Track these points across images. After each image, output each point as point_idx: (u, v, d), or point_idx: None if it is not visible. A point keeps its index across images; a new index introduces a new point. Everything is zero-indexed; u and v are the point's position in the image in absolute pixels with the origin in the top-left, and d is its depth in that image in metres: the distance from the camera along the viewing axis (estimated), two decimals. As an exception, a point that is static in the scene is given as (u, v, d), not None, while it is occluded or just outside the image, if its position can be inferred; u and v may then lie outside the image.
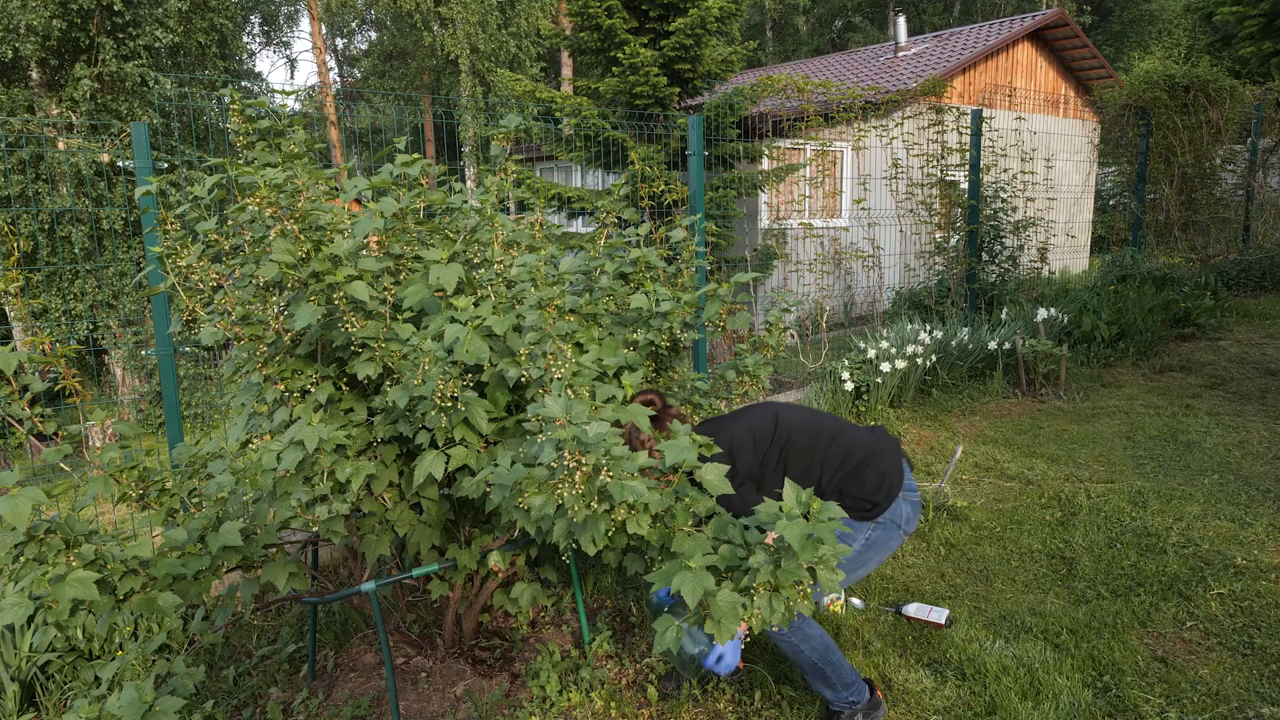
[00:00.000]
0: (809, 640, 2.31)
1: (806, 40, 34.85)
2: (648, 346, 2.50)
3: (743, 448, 2.34)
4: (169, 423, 3.46)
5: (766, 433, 2.38)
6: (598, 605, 3.24)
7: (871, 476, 2.36)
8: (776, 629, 2.26)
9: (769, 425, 2.40)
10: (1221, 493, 3.93)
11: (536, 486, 1.73)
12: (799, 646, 2.31)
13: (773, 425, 2.40)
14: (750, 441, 2.36)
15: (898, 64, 13.08)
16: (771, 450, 2.37)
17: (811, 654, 2.31)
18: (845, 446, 2.39)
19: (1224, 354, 6.61)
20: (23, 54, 10.36)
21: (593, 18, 7.95)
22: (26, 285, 10.53)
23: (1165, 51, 28.64)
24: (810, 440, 2.39)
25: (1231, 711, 2.39)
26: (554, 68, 29.51)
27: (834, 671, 2.35)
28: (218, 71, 13.71)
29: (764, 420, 2.42)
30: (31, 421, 1.93)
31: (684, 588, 1.56)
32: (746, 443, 2.35)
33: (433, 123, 23.19)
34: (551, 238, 2.92)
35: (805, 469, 2.36)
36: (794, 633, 2.29)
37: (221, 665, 3.03)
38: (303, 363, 2.30)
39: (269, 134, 2.41)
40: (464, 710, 2.63)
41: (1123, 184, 9.63)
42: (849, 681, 2.38)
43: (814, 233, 7.39)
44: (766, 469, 2.36)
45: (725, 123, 7.81)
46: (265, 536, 2.11)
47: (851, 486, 2.36)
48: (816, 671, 2.34)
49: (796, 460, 2.36)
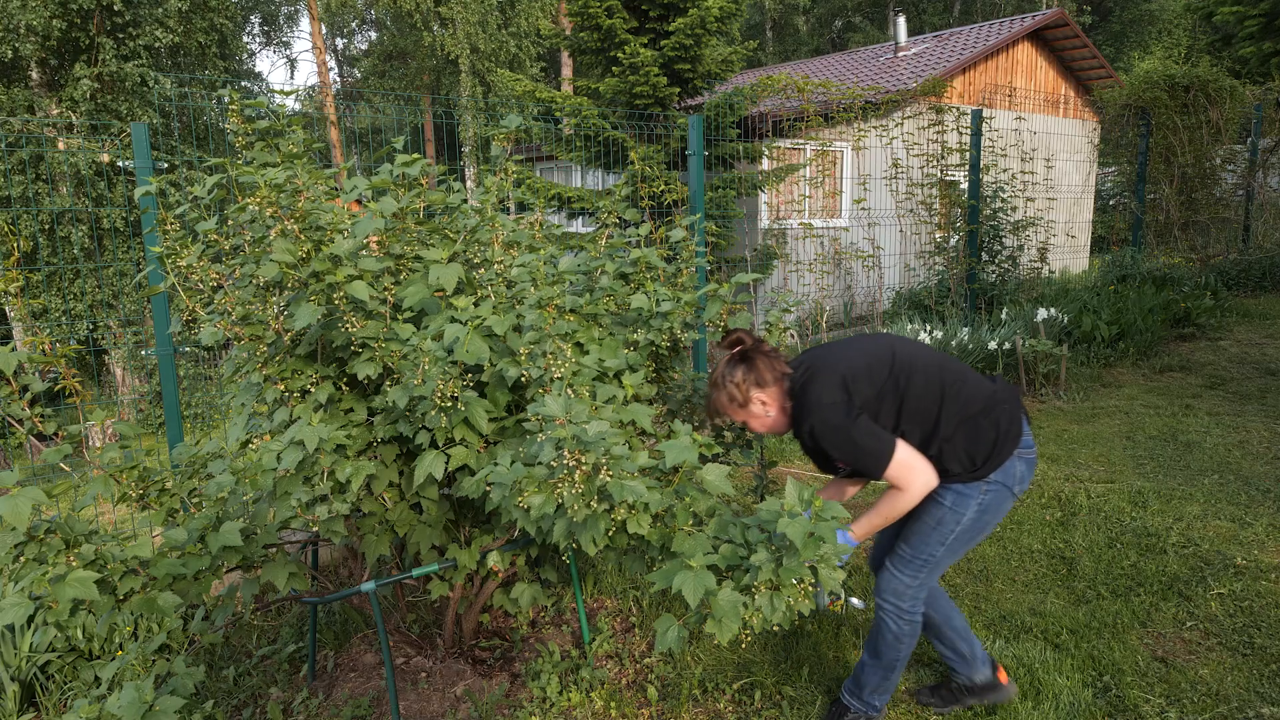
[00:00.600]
0: (913, 639, 2.27)
1: (806, 40, 34.85)
2: (648, 347, 2.49)
3: (859, 378, 2.10)
4: (169, 423, 3.46)
5: (884, 365, 2.13)
6: (598, 605, 3.24)
7: (988, 428, 2.12)
8: (908, 609, 2.22)
9: (886, 358, 2.15)
10: (1221, 493, 3.93)
11: (536, 486, 1.73)
12: (903, 638, 2.25)
13: (890, 358, 2.15)
14: (867, 373, 2.11)
15: (898, 64, 13.08)
16: (889, 385, 2.11)
17: (905, 651, 2.27)
18: (966, 392, 2.13)
19: (1224, 354, 6.61)
20: (23, 54, 10.37)
21: (593, 18, 7.96)
22: (26, 285, 10.53)
23: (1165, 51, 28.64)
24: (931, 380, 2.12)
25: (1231, 711, 2.39)
26: (554, 68, 29.51)
27: (895, 678, 2.33)
28: (218, 71, 13.71)
29: (880, 352, 2.17)
30: (31, 421, 1.93)
31: (685, 587, 1.56)
32: (863, 374, 2.11)
33: (433, 123, 23.19)
34: (551, 238, 2.92)
35: (923, 411, 2.11)
36: (911, 623, 2.24)
37: (221, 665, 3.03)
38: (303, 363, 2.30)
39: (268, 134, 2.41)
40: (464, 710, 2.63)
41: (1123, 184, 9.63)
42: (888, 693, 2.36)
43: (814, 233, 7.39)
44: (883, 406, 2.11)
45: (725, 123, 7.81)
46: (265, 536, 2.11)
47: (965, 438, 2.11)
48: (886, 667, 2.30)
49: (915, 401, 2.10)
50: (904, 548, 2.24)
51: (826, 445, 2.10)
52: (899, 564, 2.24)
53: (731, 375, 2.18)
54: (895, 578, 2.24)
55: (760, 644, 2.87)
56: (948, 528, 2.15)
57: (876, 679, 2.34)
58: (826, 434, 2.08)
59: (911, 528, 2.23)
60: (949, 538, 2.17)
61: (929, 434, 2.11)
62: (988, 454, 2.12)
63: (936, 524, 2.17)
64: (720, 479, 1.87)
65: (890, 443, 2.04)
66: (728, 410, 2.22)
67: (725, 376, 2.20)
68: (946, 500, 2.14)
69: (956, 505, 2.14)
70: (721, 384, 2.21)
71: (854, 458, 2.07)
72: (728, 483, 1.87)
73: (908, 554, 2.23)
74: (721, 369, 2.22)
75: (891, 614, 2.25)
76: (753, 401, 2.19)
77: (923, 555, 2.20)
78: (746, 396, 2.18)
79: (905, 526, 2.25)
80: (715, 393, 2.23)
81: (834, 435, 2.07)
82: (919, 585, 2.23)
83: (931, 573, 2.23)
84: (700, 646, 2.89)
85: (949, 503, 2.14)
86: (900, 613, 2.24)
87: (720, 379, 2.21)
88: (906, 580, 2.23)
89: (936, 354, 2.23)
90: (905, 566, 2.23)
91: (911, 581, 2.23)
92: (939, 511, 2.16)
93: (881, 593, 2.28)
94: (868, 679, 2.35)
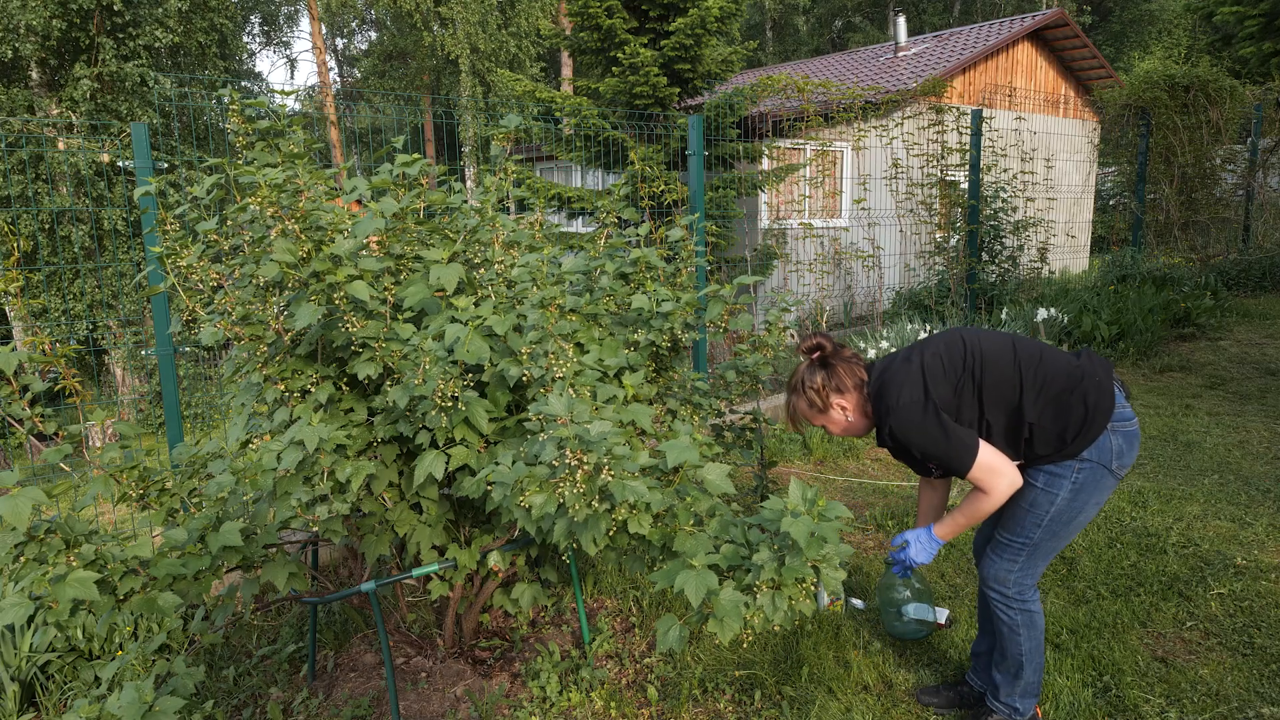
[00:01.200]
0: (1032, 629, 2.22)
1: (806, 40, 34.85)
2: (649, 347, 2.49)
3: (935, 376, 2.08)
4: (169, 423, 3.46)
5: (957, 358, 2.11)
6: (598, 605, 3.24)
7: (1075, 405, 2.05)
8: (1014, 595, 2.19)
9: (958, 350, 2.12)
10: (1221, 493, 3.93)
11: (537, 485, 1.73)
12: (1018, 628, 2.22)
13: (961, 348, 2.12)
14: (942, 369, 2.09)
15: (898, 64, 13.08)
16: (964, 378, 2.09)
17: (1026, 643, 2.23)
18: (1045, 372, 2.07)
19: (1224, 354, 6.61)
20: (23, 54, 10.37)
21: (593, 18, 7.95)
22: (26, 285, 10.52)
23: (1165, 51, 28.65)
24: (1005, 364, 2.09)
25: (1231, 711, 2.39)
26: (554, 68, 29.52)
27: (1028, 675, 2.27)
28: (218, 71, 13.71)
29: (951, 345, 2.14)
30: (31, 421, 1.93)
31: (687, 587, 1.55)
32: (938, 371, 2.09)
33: (433, 123, 23.19)
34: (551, 238, 2.92)
35: (1004, 398, 2.07)
36: (1023, 611, 2.21)
37: (221, 665, 3.03)
38: (303, 363, 2.30)
39: (268, 134, 2.41)
40: (464, 710, 2.63)
41: (1123, 184, 9.63)
42: (1031, 694, 2.30)
43: (814, 233, 7.39)
44: (963, 400, 2.08)
45: (725, 123, 7.81)
46: (265, 536, 2.11)
47: (1053, 418, 2.05)
48: (1014, 664, 2.26)
49: (993, 389, 2.07)
50: (1001, 533, 2.22)
51: (910, 445, 2.08)
52: (997, 549, 2.23)
53: (811, 381, 2.19)
54: (994, 563, 2.23)
55: (760, 644, 2.87)
56: (1042, 510, 2.11)
57: (1009, 681, 2.29)
58: (908, 433, 2.06)
59: (1007, 512, 2.19)
60: (1044, 519, 2.12)
61: (1014, 419, 2.07)
62: (1077, 431, 2.05)
63: (1030, 506, 2.13)
64: (721, 478, 1.87)
65: (973, 443, 2.02)
66: (807, 415, 2.24)
67: (805, 382, 2.20)
68: (1039, 481, 2.11)
69: (1049, 486, 2.09)
70: (801, 389, 2.21)
71: (937, 455, 2.05)
72: (728, 482, 1.87)
73: (1005, 538, 2.20)
74: (801, 374, 2.22)
75: (998, 603, 2.23)
76: (833, 407, 2.20)
77: (1019, 539, 2.17)
78: (826, 402, 2.19)
79: (1002, 511, 2.21)
80: (795, 398, 2.23)
81: (915, 434, 2.05)
82: (1020, 570, 2.19)
83: (1032, 558, 2.18)
84: (700, 646, 2.89)
85: (1041, 483, 2.11)
86: (1006, 600, 2.21)
87: (800, 384, 2.22)
88: (1006, 565, 2.20)
89: (1007, 336, 2.18)
90: (1004, 552, 2.21)
91: (1011, 566, 2.20)
92: (1031, 493, 2.12)
93: (985, 580, 2.26)
94: (1002, 681, 2.31)
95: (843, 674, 2.66)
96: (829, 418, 2.23)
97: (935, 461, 2.08)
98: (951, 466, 2.05)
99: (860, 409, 2.21)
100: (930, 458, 2.07)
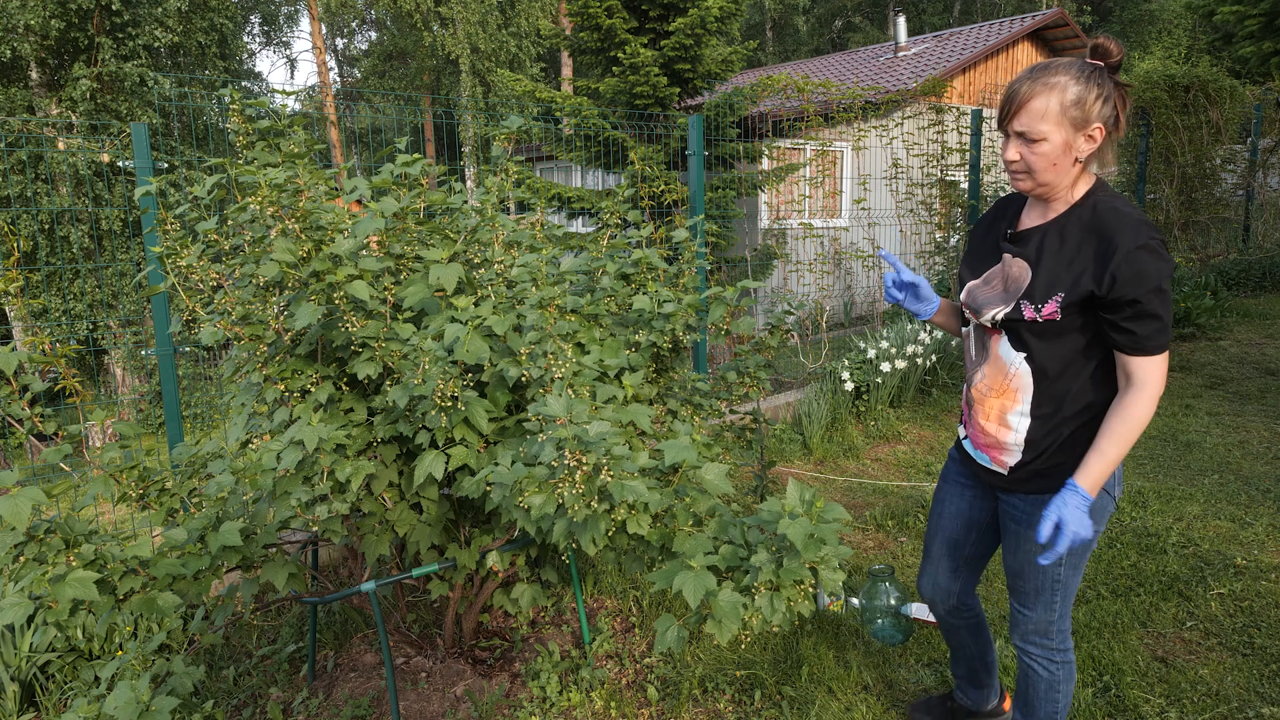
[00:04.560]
0: (1071, 680, 1.94)
1: (806, 40, 34.86)
2: (649, 347, 2.50)
3: None
4: (169, 423, 3.46)
5: None
6: (598, 605, 3.24)
7: None
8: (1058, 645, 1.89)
9: None
10: (1221, 493, 3.93)
11: (537, 485, 1.73)
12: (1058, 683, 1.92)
13: None
14: None
15: (898, 64, 13.08)
16: None
17: (1064, 697, 1.94)
18: None
19: (1224, 354, 6.61)
20: (22, 54, 10.36)
21: (593, 18, 7.95)
22: (26, 285, 10.52)
23: (1165, 51, 28.66)
24: None
25: (1231, 711, 2.39)
26: (554, 68, 29.52)
27: None
28: (218, 71, 13.71)
29: None
30: (31, 421, 1.93)
31: (685, 588, 1.55)
32: None
33: (433, 123, 23.19)
34: (552, 238, 2.92)
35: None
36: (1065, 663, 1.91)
37: (221, 665, 3.03)
38: (303, 363, 2.30)
39: (269, 134, 2.41)
40: (464, 710, 2.63)
41: (1123, 184, 9.62)
42: None
43: (814, 233, 7.38)
44: None
45: (725, 123, 7.81)
46: (265, 536, 2.11)
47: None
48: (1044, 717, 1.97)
49: None
50: (1018, 582, 1.89)
51: (1137, 278, 1.53)
52: (1028, 602, 1.89)
53: (1100, 82, 1.59)
54: (1029, 617, 1.89)
55: (760, 644, 2.87)
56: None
57: None
58: (1150, 261, 1.53)
59: (1015, 560, 1.87)
60: (1066, 555, 1.81)
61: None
62: None
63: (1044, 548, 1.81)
64: (719, 478, 1.86)
65: None
66: (1044, 114, 1.59)
67: (1086, 74, 1.58)
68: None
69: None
70: (1077, 77, 1.58)
71: (1153, 310, 1.55)
72: (727, 482, 1.86)
73: (1032, 586, 1.86)
74: (1077, 63, 1.61)
75: (1040, 658, 1.92)
76: (1091, 126, 1.60)
77: (1050, 582, 1.83)
78: (1089, 114, 1.59)
79: (1008, 558, 1.90)
80: (1052, 82, 1.59)
81: (1159, 264, 1.53)
82: (1060, 617, 1.88)
83: (1066, 599, 1.86)
84: (700, 646, 2.89)
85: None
86: (1050, 654, 1.91)
87: (1077, 74, 1.59)
88: (1044, 615, 1.87)
89: None
90: (1035, 602, 1.87)
91: (1050, 615, 1.87)
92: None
93: (1025, 638, 1.92)
94: None
95: (843, 674, 2.66)
96: (1065, 138, 1.60)
97: (1137, 319, 1.56)
98: (1150, 333, 1.56)
99: (1086, 172, 1.67)
100: (1146, 311, 1.55)
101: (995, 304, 1.73)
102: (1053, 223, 1.68)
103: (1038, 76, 1.60)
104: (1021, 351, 1.71)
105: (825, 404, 5.34)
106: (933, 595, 2.14)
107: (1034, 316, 1.66)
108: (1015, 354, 1.73)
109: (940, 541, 2.08)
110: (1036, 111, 1.59)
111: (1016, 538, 1.84)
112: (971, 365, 1.87)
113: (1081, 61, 1.61)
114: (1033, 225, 1.72)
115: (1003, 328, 1.74)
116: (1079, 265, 1.60)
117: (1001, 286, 1.73)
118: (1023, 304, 1.67)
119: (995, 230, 1.83)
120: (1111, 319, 1.59)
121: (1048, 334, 1.66)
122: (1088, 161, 1.64)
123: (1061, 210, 1.68)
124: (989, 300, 1.75)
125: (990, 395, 1.79)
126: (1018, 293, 1.69)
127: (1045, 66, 1.61)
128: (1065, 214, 1.67)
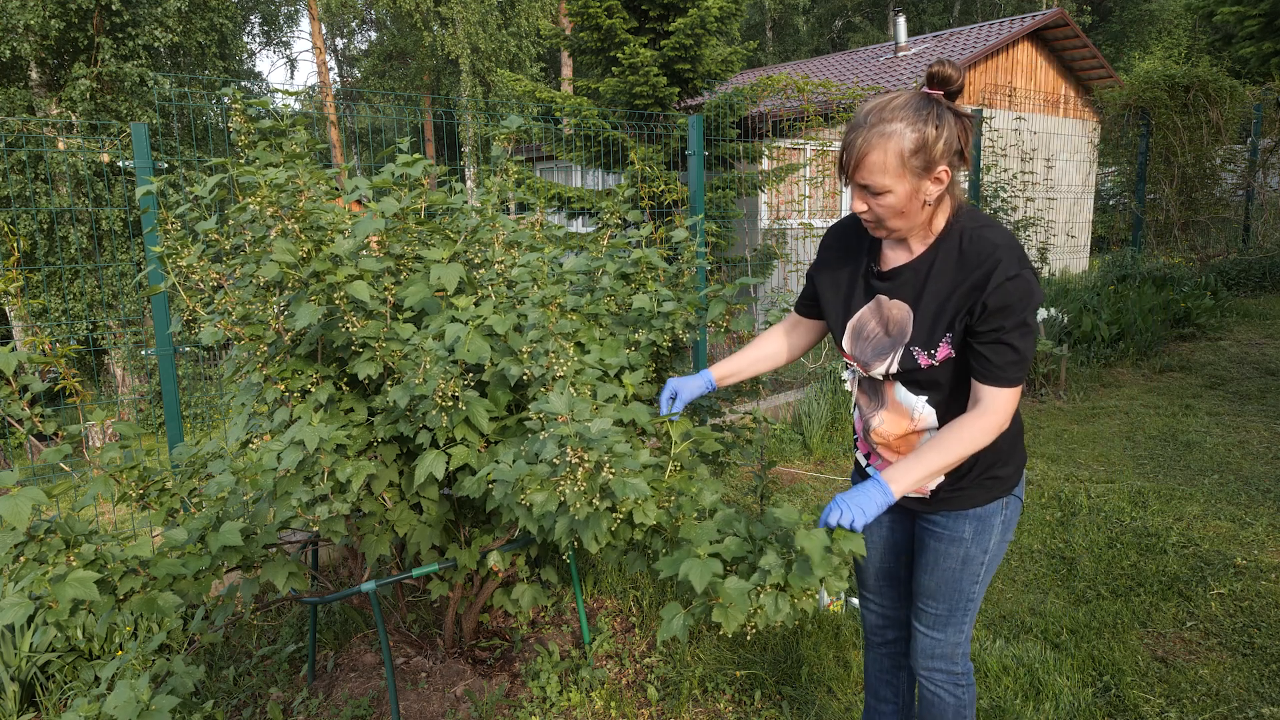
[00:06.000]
0: (974, 702, 1.88)
1: (806, 40, 34.87)
2: (650, 346, 2.50)
3: None
4: (169, 423, 3.46)
5: None
6: (598, 605, 3.24)
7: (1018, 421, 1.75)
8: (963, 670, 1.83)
9: None
10: (1221, 493, 3.93)
11: (539, 483, 1.73)
12: (965, 708, 1.86)
13: None
14: None
15: (898, 64, 13.08)
16: None
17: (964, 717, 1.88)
18: None
19: (1224, 354, 6.61)
20: (21, 54, 10.37)
21: (593, 18, 7.96)
22: (26, 285, 10.52)
23: (1165, 51, 28.66)
24: None
25: (1231, 711, 2.39)
26: (554, 68, 29.52)
27: None
28: (218, 71, 13.71)
29: None
30: (31, 421, 1.93)
31: (691, 574, 1.55)
32: None
33: (433, 123, 23.19)
34: (552, 238, 2.92)
35: None
36: (970, 686, 1.86)
37: (221, 665, 3.03)
38: (303, 363, 2.30)
39: (270, 134, 2.41)
40: (464, 710, 2.63)
41: (1123, 184, 9.63)
42: None
43: (814, 233, 7.38)
44: None
45: (725, 123, 7.81)
46: (265, 536, 2.10)
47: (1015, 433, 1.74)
48: None
49: None
50: (930, 604, 1.81)
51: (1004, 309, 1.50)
52: (936, 625, 1.82)
53: (932, 118, 1.49)
54: (937, 642, 1.83)
55: (760, 644, 2.87)
56: (976, 563, 1.75)
57: None
58: (1019, 298, 1.49)
59: (932, 578, 1.80)
60: (981, 573, 1.76)
61: None
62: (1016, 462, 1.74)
63: (964, 563, 1.75)
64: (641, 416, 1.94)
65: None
66: (883, 167, 1.50)
67: (919, 114, 1.49)
68: (966, 533, 1.74)
69: (980, 534, 1.74)
70: (910, 120, 1.48)
71: (1016, 344, 1.51)
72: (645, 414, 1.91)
73: (943, 609, 1.80)
74: (913, 103, 1.50)
75: (946, 685, 1.85)
76: (936, 169, 1.51)
77: (961, 602, 1.79)
78: (933, 158, 1.50)
79: (923, 578, 1.82)
80: (882, 131, 1.49)
81: (1023, 303, 1.49)
82: (967, 639, 1.83)
83: (972, 619, 1.82)
84: (700, 646, 2.89)
85: (970, 534, 1.74)
86: (956, 678, 1.84)
87: (907, 114, 1.49)
88: (953, 638, 1.82)
89: None
90: (944, 625, 1.81)
91: (959, 637, 1.82)
92: (960, 549, 1.75)
93: (929, 664, 1.85)
94: None
95: (843, 674, 2.66)
96: (909, 187, 1.52)
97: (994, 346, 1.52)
98: (1005, 363, 1.52)
99: (950, 203, 1.60)
100: (1003, 340, 1.51)
101: (884, 353, 1.67)
102: (922, 259, 1.62)
103: (872, 125, 1.50)
104: (921, 395, 1.67)
105: (825, 404, 5.34)
106: (885, 628, 2.04)
107: (930, 363, 1.60)
108: (915, 398, 1.68)
109: (874, 576, 1.99)
110: (875, 166, 1.50)
111: (935, 554, 1.77)
112: (867, 410, 1.79)
113: (919, 97, 1.51)
114: (901, 263, 1.65)
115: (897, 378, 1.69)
116: (958, 300, 1.55)
117: (882, 330, 1.68)
118: (914, 351, 1.61)
119: (853, 259, 1.75)
120: (971, 342, 1.56)
121: (944, 372, 1.62)
122: (938, 201, 1.57)
123: (929, 244, 1.62)
124: (877, 352, 1.68)
125: (894, 437, 1.74)
126: (903, 337, 1.63)
127: (880, 109, 1.51)
128: (934, 247, 1.61)
